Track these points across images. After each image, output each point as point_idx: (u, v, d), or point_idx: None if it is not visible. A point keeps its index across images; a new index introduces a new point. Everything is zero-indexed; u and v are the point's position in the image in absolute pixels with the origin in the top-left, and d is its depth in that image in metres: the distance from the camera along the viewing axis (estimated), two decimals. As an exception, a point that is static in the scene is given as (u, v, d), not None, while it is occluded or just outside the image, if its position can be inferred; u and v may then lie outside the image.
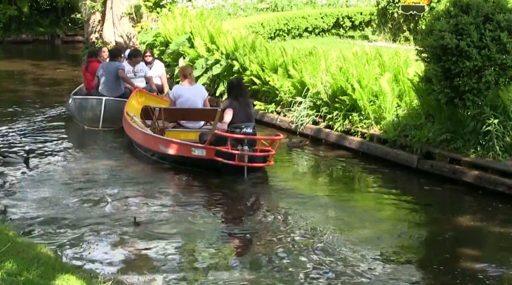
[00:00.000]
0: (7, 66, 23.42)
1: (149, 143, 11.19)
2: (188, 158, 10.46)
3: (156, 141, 11.03)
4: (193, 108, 11.70)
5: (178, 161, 10.69)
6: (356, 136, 11.76)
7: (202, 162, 10.31)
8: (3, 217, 8.02)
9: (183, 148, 10.58)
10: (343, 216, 8.57)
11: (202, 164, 10.33)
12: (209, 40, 16.48)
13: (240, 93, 10.58)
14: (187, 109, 11.69)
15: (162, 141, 10.94)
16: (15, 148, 11.71)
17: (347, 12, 21.90)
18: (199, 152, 10.34)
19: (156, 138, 11.10)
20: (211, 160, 10.17)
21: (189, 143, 10.60)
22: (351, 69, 12.38)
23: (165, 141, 10.90)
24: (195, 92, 11.89)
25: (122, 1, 22.96)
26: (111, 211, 8.56)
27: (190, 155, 10.41)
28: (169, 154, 10.76)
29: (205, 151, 10.24)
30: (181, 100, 11.70)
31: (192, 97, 11.75)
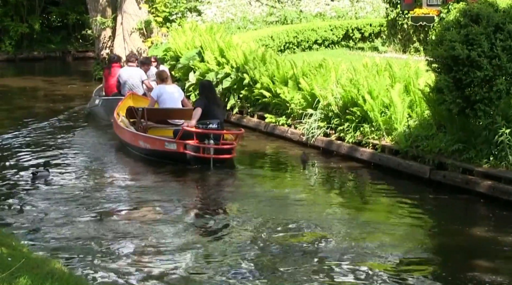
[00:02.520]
0: (19, 83, 23.57)
1: (131, 139, 12.41)
2: (162, 152, 11.65)
3: (136, 137, 12.25)
4: (173, 108, 12.80)
5: (154, 155, 11.83)
6: (368, 148, 11.72)
7: (174, 155, 11.47)
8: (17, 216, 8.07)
9: (157, 143, 11.81)
10: (355, 227, 8.51)
11: (174, 157, 11.48)
12: (219, 53, 16.52)
13: (209, 93, 11.83)
14: (168, 109, 12.79)
15: (141, 137, 12.13)
16: (32, 162, 11.79)
17: (356, 24, 21.90)
18: (171, 146, 11.54)
19: (137, 134, 12.30)
20: (181, 153, 11.35)
21: (162, 138, 11.84)
22: (361, 80, 12.36)
23: (144, 137, 12.11)
24: (174, 90, 13.06)
25: (132, 16, 23.08)
26: (123, 226, 8.56)
27: (164, 149, 11.59)
28: (147, 148, 11.94)
29: (176, 145, 11.41)
30: (163, 98, 12.81)
31: (171, 95, 12.89)
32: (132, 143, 12.40)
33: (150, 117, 12.67)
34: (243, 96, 15.28)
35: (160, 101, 12.86)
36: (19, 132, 14.71)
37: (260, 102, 14.75)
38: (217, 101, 12.19)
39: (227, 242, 7.99)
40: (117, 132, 13.19)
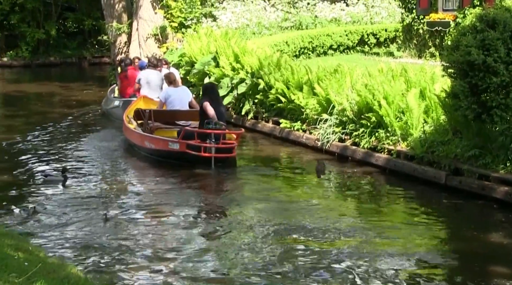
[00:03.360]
0: (35, 88, 23.72)
1: (137, 140, 12.81)
2: (166, 152, 12.02)
3: (142, 138, 12.64)
4: (179, 110, 13.14)
5: (159, 154, 12.20)
6: (383, 153, 11.68)
7: (177, 154, 11.81)
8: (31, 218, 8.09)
9: (161, 143, 12.21)
10: (370, 232, 8.47)
11: (177, 157, 11.82)
12: (234, 59, 16.54)
13: (212, 94, 12.29)
14: (174, 110, 13.13)
15: (146, 138, 12.54)
16: (49, 167, 11.84)
17: (371, 29, 21.87)
18: (174, 146, 11.91)
19: (142, 135, 12.69)
20: (184, 153, 11.66)
21: (166, 138, 12.27)
22: (377, 85, 12.32)
23: (149, 138, 12.51)
24: (182, 92, 13.39)
25: (147, 22, 23.18)
26: (136, 230, 8.57)
27: (168, 148, 11.97)
28: (152, 148, 12.33)
29: (179, 145, 11.77)
30: (171, 100, 13.18)
31: (179, 97, 13.21)
32: (139, 144, 12.78)
33: (157, 118, 13.05)
34: (258, 101, 15.29)
35: (168, 103, 13.22)
36: (34, 137, 14.80)
37: (275, 107, 14.74)
38: (220, 102, 12.62)
39: (239, 246, 7.97)
40: (125, 133, 13.66)
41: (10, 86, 24.87)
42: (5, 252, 6.15)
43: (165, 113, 13.23)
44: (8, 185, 10.90)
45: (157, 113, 13.10)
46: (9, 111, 19.56)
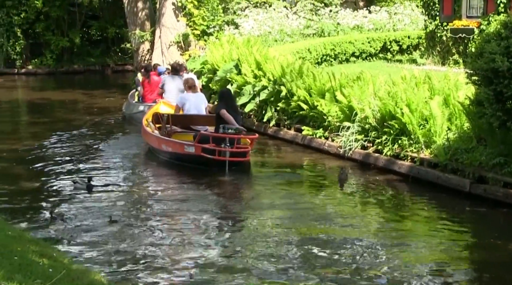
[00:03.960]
0: (59, 96, 23.88)
1: (155, 143, 13.14)
2: (182, 155, 12.32)
3: (159, 141, 12.96)
4: (196, 115, 13.46)
5: (175, 157, 12.50)
6: (406, 161, 11.60)
7: (193, 157, 12.04)
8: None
9: (178, 146, 12.46)
10: (393, 240, 8.42)
11: (193, 160, 12.07)
12: (256, 66, 16.54)
13: (228, 100, 12.62)
14: (191, 115, 13.43)
15: (163, 141, 12.85)
16: (75, 175, 11.94)
17: (394, 36, 21.78)
18: (190, 149, 12.17)
19: (160, 138, 13.00)
20: (199, 156, 11.90)
21: (182, 142, 12.51)
22: (399, 93, 12.25)
23: (166, 141, 12.82)
24: (198, 98, 13.66)
25: (170, 30, 23.31)
26: (162, 239, 8.58)
27: (184, 152, 12.25)
28: (169, 151, 12.62)
29: (194, 148, 12.04)
30: (187, 106, 13.48)
31: (195, 103, 13.52)
32: (156, 147, 13.12)
33: (175, 123, 13.37)
34: (280, 109, 15.26)
35: (184, 109, 13.53)
36: (58, 143, 14.89)
37: (297, 114, 14.71)
38: (235, 108, 12.92)
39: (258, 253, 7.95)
40: (143, 136, 14.02)
41: (35, 94, 25.08)
42: (30, 258, 6.20)
43: (183, 118, 13.51)
44: (33, 191, 10.99)
45: (175, 117, 13.42)
46: (33, 118, 19.73)
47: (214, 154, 11.88)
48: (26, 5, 30.89)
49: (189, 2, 23.22)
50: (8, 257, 5.97)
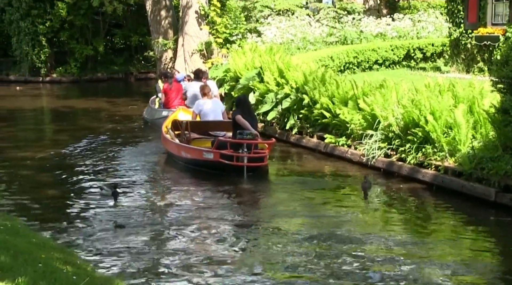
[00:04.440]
0: (83, 104, 24.03)
1: (174, 150, 13.34)
2: (201, 161, 12.50)
3: (179, 148, 13.17)
4: (214, 121, 13.75)
5: (195, 164, 12.66)
6: (430, 169, 11.50)
7: (212, 163, 12.20)
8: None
9: (197, 153, 12.67)
10: (416, 249, 8.33)
11: (212, 166, 12.22)
12: (279, 74, 16.50)
13: (245, 106, 12.84)
14: (209, 121, 13.73)
15: (183, 148, 13.07)
16: (97, 182, 12.00)
17: (418, 44, 21.67)
18: (208, 155, 12.35)
19: (179, 145, 13.21)
20: (218, 162, 12.07)
21: (201, 148, 12.75)
22: (423, 101, 12.14)
23: (185, 148, 13.04)
24: (214, 104, 13.97)
25: (193, 38, 23.37)
26: (184, 247, 8.57)
27: (203, 158, 12.44)
28: (188, 158, 12.81)
29: (213, 154, 12.19)
30: (203, 112, 13.80)
31: (212, 108, 13.81)
32: (176, 153, 13.30)
33: (193, 129, 13.63)
34: (302, 117, 15.21)
35: (201, 115, 13.85)
36: (81, 151, 14.96)
37: (320, 122, 14.64)
38: (252, 114, 13.09)
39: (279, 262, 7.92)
40: (163, 143, 14.17)
41: (59, 102, 25.25)
42: (54, 265, 6.23)
43: (201, 124, 13.78)
44: (56, 198, 11.08)
45: (193, 124, 13.70)
46: (57, 126, 19.87)
47: (232, 160, 12.04)
48: (51, 14, 31.16)
49: (212, 11, 23.28)
50: (32, 264, 5.99)
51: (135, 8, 32.33)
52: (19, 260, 6.04)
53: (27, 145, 15.99)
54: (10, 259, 5.99)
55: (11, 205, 10.57)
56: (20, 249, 6.53)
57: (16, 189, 11.68)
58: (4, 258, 5.95)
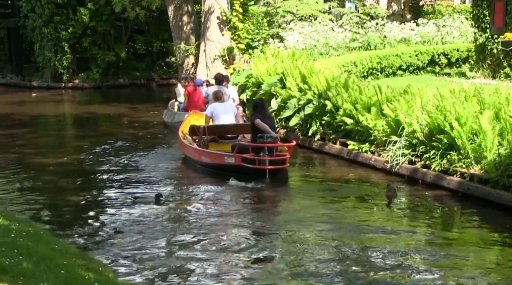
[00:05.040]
0: (105, 109, 24.08)
1: (195, 155, 13.54)
2: (223, 166, 12.70)
3: (199, 153, 13.40)
4: (230, 124, 13.99)
5: (216, 168, 12.88)
6: (455, 176, 11.33)
7: (233, 168, 12.38)
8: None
9: (218, 157, 12.92)
10: (442, 258, 8.22)
11: (233, 170, 12.34)
12: (301, 80, 16.40)
13: (262, 110, 13.00)
14: (225, 125, 13.97)
15: (203, 153, 13.30)
16: (118, 189, 12.03)
17: (443, 49, 21.48)
18: (230, 160, 12.55)
19: (200, 150, 13.45)
20: (239, 166, 12.24)
21: (222, 153, 12.97)
22: (448, 107, 11.98)
23: (205, 153, 13.28)
24: (227, 107, 14.29)
25: (215, 43, 23.36)
26: (207, 254, 8.52)
27: (224, 162, 12.64)
28: (209, 163, 13.08)
29: (234, 158, 12.37)
30: (215, 113, 14.03)
31: (224, 111, 14.08)
32: (196, 159, 13.52)
33: (210, 133, 13.90)
34: (325, 123, 15.08)
35: (214, 118, 14.08)
36: (102, 157, 14.98)
37: (343, 128, 14.52)
38: (269, 117, 13.31)
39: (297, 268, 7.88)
40: (181, 148, 14.37)
41: (81, 108, 25.34)
42: (76, 272, 6.25)
43: (218, 128, 14.01)
44: (78, 204, 11.11)
45: (210, 128, 13.94)
46: (79, 132, 19.93)
47: (254, 163, 12.21)
48: (73, 20, 31.32)
49: (234, 16, 23.24)
50: (55, 270, 6.00)
51: (157, 14, 32.38)
52: (41, 266, 6.04)
53: (48, 151, 16.03)
54: (32, 265, 6.01)
55: (33, 211, 10.59)
56: (42, 255, 6.53)
57: (37, 195, 11.71)
58: (27, 264, 5.97)
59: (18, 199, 11.37)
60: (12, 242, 6.79)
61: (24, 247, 6.65)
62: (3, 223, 7.65)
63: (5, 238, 6.86)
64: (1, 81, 33.75)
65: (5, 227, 7.41)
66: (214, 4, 23.30)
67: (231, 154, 12.66)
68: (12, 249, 6.40)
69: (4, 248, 6.39)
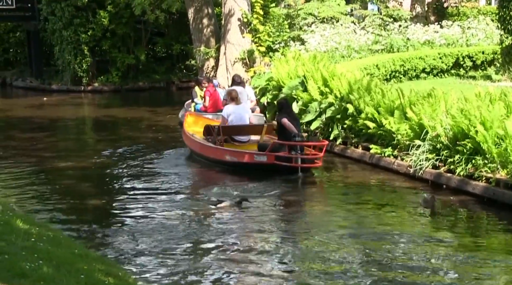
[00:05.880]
0: (124, 113, 24.03)
1: (216, 154, 13.84)
2: (252, 164, 13.13)
3: (222, 152, 13.75)
4: (244, 125, 14.43)
5: (242, 166, 13.26)
6: (480, 181, 11.13)
7: (264, 166, 12.94)
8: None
9: (247, 156, 13.31)
10: (469, 265, 8.08)
11: (265, 168, 12.87)
12: (323, 83, 16.24)
13: (288, 110, 13.48)
14: (239, 125, 14.39)
15: (228, 152, 13.67)
16: (138, 192, 11.91)
17: (467, 52, 21.25)
18: (261, 158, 13.01)
19: (222, 149, 13.82)
20: (271, 164, 12.77)
21: (251, 152, 13.44)
22: (473, 110, 11.80)
23: (231, 152, 13.65)
24: (242, 109, 14.59)
25: (235, 46, 23.25)
26: (229, 262, 8.44)
27: (254, 161, 13.09)
28: (235, 161, 13.40)
29: (267, 157, 12.83)
30: (232, 117, 14.34)
31: (240, 114, 14.44)
32: (217, 157, 13.81)
33: (225, 133, 14.27)
34: (347, 126, 14.92)
35: (229, 120, 14.37)
36: (122, 161, 14.92)
37: (365, 132, 14.35)
38: (295, 116, 13.80)
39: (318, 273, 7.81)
40: (193, 147, 14.69)
41: (100, 111, 25.36)
42: (96, 277, 6.25)
43: (233, 128, 14.46)
44: (98, 209, 11.11)
45: (225, 128, 14.30)
46: (98, 136, 19.90)
47: (290, 161, 12.72)
48: (93, 23, 31.32)
49: (255, 18, 23.12)
50: (75, 275, 6.00)
51: (177, 16, 32.29)
52: (62, 271, 6.04)
53: (68, 154, 16.00)
54: (52, 270, 6.01)
55: (53, 215, 10.59)
56: (63, 260, 6.52)
57: (58, 199, 11.70)
58: (47, 269, 5.97)
59: (38, 203, 11.36)
60: (32, 246, 6.78)
61: (44, 251, 6.64)
62: (23, 227, 7.64)
63: (25, 242, 6.85)
64: (21, 85, 33.83)
65: (25, 231, 7.40)
66: (235, 6, 23.20)
67: (263, 153, 13.04)
68: (33, 254, 6.39)
69: (25, 252, 6.38)
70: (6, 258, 6.04)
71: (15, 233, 7.10)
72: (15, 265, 5.84)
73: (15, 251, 6.35)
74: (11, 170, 14.08)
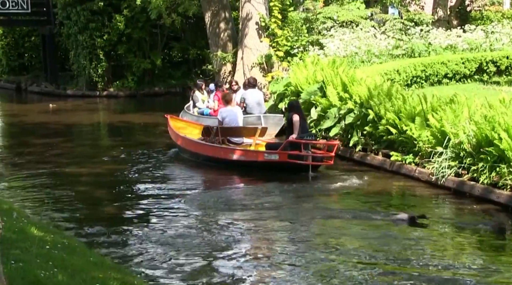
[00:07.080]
0: (140, 118, 23.91)
1: (219, 153, 14.26)
2: (262, 163, 13.50)
3: (226, 151, 14.29)
4: (240, 127, 15.12)
5: (249, 165, 13.66)
6: (505, 190, 10.93)
7: (274, 164, 13.27)
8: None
9: (257, 155, 13.88)
10: (493, 276, 7.92)
11: (273, 166, 13.25)
12: (342, 88, 16.02)
13: (299, 110, 13.91)
14: (236, 127, 15.02)
15: (233, 151, 14.21)
16: (154, 199, 11.84)
17: (491, 56, 20.97)
18: (272, 156, 13.37)
19: (226, 148, 14.41)
20: (283, 162, 13.15)
21: (262, 151, 13.95)
22: (497, 117, 11.58)
23: (237, 151, 14.13)
24: (236, 112, 15.24)
25: (253, 51, 23.08)
26: (240, 262, 8.38)
27: (265, 160, 13.46)
28: (241, 160, 13.86)
29: (278, 155, 13.25)
30: (227, 119, 14.95)
31: (234, 117, 15.08)
32: (222, 157, 14.17)
33: (223, 134, 14.77)
34: (367, 133, 14.69)
35: (225, 122, 14.92)
36: (137, 166, 14.79)
37: (385, 139, 14.11)
38: (304, 117, 14.28)
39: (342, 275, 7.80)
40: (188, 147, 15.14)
41: (116, 116, 25.25)
42: None
43: (230, 130, 15.02)
44: (113, 216, 11.02)
45: (223, 129, 14.83)
46: (114, 141, 19.74)
47: (302, 159, 13.11)
48: (109, 27, 31.20)
49: (273, 22, 22.95)
50: (90, 283, 5.98)
51: (194, 20, 32.13)
52: (77, 279, 6.02)
53: (83, 160, 15.93)
54: (67, 278, 5.98)
55: (67, 222, 10.49)
56: (77, 267, 6.48)
57: (73, 206, 11.59)
58: (62, 277, 5.94)
59: (53, 210, 11.25)
60: (47, 254, 6.74)
61: (59, 259, 6.61)
62: (38, 235, 7.59)
63: (40, 249, 6.81)
64: (36, 90, 33.75)
65: (40, 239, 7.34)
66: (253, 11, 23.02)
67: (275, 151, 13.39)
68: (47, 261, 6.37)
69: (39, 260, 6.35)
70: (21, 266, 5.98)
71: (29, 240, 7.05)
72: (30, 273, 5.79)
73: (29, 258, 6.30)
74: (26, 176, 13.98)
